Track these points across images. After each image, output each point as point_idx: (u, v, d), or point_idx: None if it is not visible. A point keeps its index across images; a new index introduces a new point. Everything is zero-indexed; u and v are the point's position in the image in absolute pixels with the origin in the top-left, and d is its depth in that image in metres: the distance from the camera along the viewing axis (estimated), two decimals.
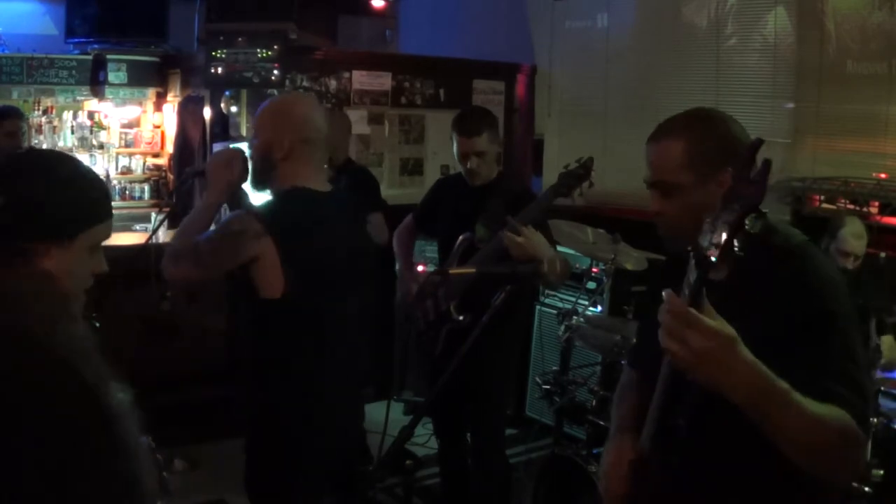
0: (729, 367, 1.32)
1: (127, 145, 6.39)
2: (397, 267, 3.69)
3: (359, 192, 4.16)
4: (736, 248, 1.26)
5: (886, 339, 3.36)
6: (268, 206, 2.40)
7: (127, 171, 6.40)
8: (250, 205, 2.68)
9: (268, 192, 2.45)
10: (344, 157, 4.43)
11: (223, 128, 5.33)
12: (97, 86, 5.97)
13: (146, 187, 6.39)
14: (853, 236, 3.65)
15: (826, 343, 1.49)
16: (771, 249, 1.58)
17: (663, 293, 1.34)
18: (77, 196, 1.42)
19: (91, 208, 1.44)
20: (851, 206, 4.25)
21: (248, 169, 2.43)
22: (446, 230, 3.46)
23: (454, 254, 3.32)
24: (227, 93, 5.35)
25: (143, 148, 6.44)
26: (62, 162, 1.49)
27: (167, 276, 2.42)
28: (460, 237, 3.30)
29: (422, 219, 3.72)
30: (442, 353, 3.34)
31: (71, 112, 6.16)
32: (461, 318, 3.25)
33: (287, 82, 5.33)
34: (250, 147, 2.49)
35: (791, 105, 4.79)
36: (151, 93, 6.20)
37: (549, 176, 6.32)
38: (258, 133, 2.44)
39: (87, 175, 1.48)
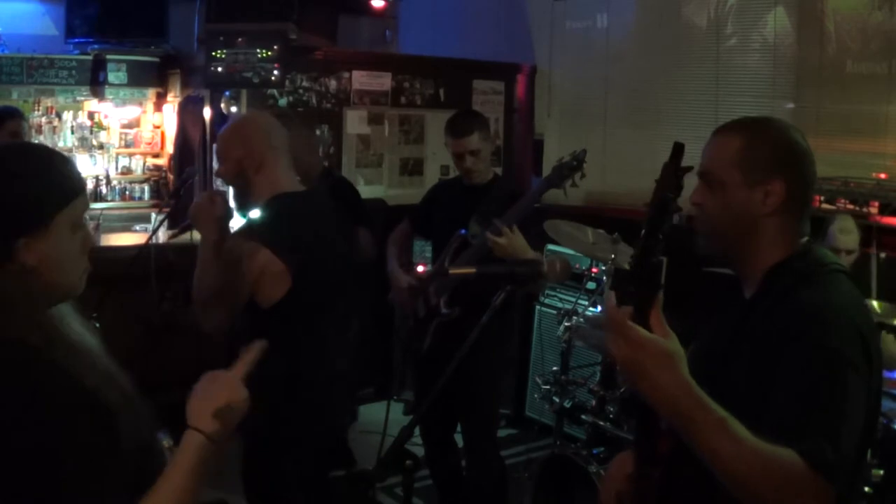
0: (655, 383, 1.27)
1: (127, 145, 6.40)
2: (388, 266, 3.65)
3: (339, 208, 3.94)
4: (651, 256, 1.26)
5: (887, 338, 3.35)
6: (257, 220, 2.50)
7: (127, 171, 6.41)
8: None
9: (253, 209, 2.54)
10: (317, 171, 3.99)
11: (223, 128, 5.32)
12: (97, 86, 5.97)
13: (146, 188, 6.40)
14: (840, 232, 3.70)
15: (808, 380, 1.38)
16: (797, 273, 1.55)
17: (605, 296, 1.32)
18: (39, 182, 1.36)
19: (59, 189, 1.38)
20: (851, 206, 4.25)
21: (227, 201, 2.51)
22: (441, 230, 3.50)
23: (447, 250, 3.35)
24: (226, 93, 5.35)
25: (143, 148, 6.44)
26: (13, 152, 1.45)
27: (207, 330, 2.47)
28: (455, 234, 3.34)
29: (417, 221, 3.78)
30: (430, 347, 3.38)
31: (71, 112, 6.16)
32: (449, 311, 3.31)
33: (287, 82, 5.33)
34: (220, 174, 2.62)
35: (791, 105, 4.79)
36: (151, 93, 6.19)
37: None
38: (226, 156, 2.56)
39: (45, 157, 1.42)
